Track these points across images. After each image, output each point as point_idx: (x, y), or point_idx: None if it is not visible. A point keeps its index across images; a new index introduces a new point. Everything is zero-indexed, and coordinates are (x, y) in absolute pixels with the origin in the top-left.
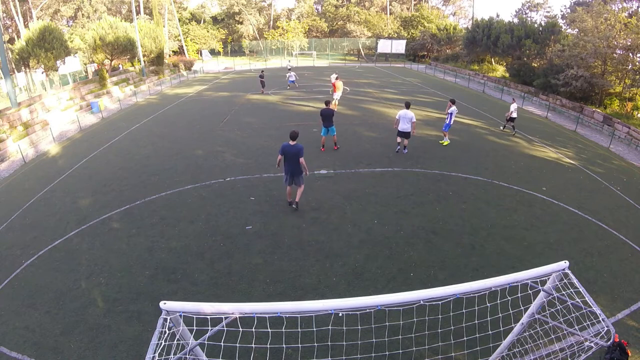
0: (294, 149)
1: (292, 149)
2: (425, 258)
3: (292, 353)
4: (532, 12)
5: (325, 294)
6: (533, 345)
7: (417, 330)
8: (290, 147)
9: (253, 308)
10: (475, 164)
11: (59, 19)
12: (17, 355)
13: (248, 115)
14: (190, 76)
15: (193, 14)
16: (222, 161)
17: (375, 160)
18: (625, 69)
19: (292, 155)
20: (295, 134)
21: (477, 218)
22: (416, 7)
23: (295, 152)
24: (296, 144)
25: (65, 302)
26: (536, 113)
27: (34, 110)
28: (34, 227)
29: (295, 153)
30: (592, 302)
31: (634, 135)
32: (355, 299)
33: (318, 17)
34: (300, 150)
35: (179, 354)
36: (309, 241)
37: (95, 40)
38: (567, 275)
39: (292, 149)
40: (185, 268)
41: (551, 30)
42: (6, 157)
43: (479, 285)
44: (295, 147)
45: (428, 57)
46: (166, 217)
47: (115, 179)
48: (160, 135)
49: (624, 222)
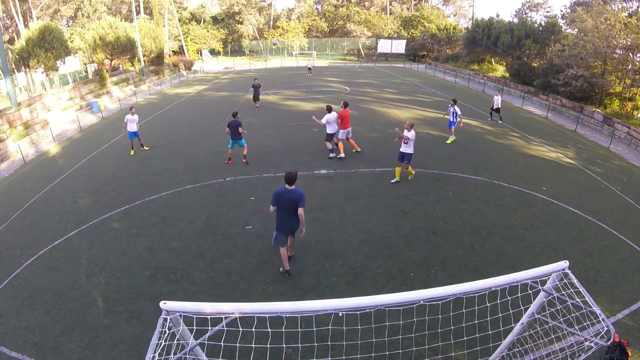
0: (292, 196)
1: (289, 196)
2: (425, 258)
3: (292, 353)
4: (532, 12)
5: (325, 294)
6: (533, 345)
7: (417, 330)
8: (288, 193)
9: (253, 308)
10: (475, 164)
11: (58, 18)
12: (17, 355)
13: (248, 115)
14: (190, 76)
15: (193, 14)
16: (222, 161)
17: (375, 160)
18: (625, 69)
19: (289, 204)
20: (292, 176)
21: (477, 218)
22: (416, 7)
23: (294, 200)
24: (295, 188)
25: (65, 302)
26: (536, 113)
27: (34, 110)
28: (34, 227)
29: (293, 201)
30: (592, 302)
31: (634, 135)
32: (355, 299)
33: (318, 17)
34: (301, 198)
35: (179, 354)
36: (309, 241)
37: (95, 40)
38: (567, 275)
39: (289, 196)
40: (185, 268)
41: (551, 30)
42: (6, 157)
43: (479, 285)
44: (294, 194)
45: (428, 57)
46: (166, 217)
47: (115, 179)
48: (160, 135)
49: (624, 222)
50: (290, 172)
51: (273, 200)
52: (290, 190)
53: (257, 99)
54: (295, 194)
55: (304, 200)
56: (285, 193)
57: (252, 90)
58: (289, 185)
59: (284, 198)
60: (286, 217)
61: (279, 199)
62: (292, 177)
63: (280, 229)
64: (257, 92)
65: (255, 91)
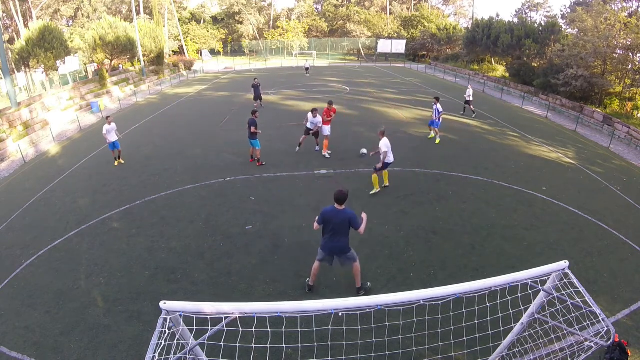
0: (341, 217)
1: (338, 217)
2: (425, 258)
3: (292, 353)
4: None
5: (325, 294)
6: (533, 345)
7: (417, 330)
8: (337, 213)
9: (253, 308)
10: (475, 164)
11: (58, 18)
12: (17, 355)
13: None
14: (190, 76)
15: (193, 14)
16: (222, 161)
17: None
18: (625, 69)
19: (339, 225)
20: (343, 195)
21: (477, 218)
22: (416, 7)
23: (344, 221)
24: (345, 209)
25: (65, 302)
26: (536, 113)
27: (34, 110)
28: (34, 227)
29: (343, 222)
30: (592, 302)
31: (634, 135)
32: (355, 299)
33: (318, 17)
34: (352, 218)
35: (179, 354)
36: (309, 241)
37: (95, 40)
38: (567, 275)
39: (338, 217)
40: (185, 268)
41: (551, 30)
42: (6, 157)
43: (479, 285)
44: (343, 214)
45: (428, 57)
46: (166, 217)
47: (115, 179)
48: (160, 135)
49: (624, 222)
50: (341, 191)
51: (319, 220)
52: (340, 210)
53: (259, 98)
54: (345, 215)
55: (356, 219)
56: (333, 213)
57: (253, 90)
58: (338, 205)
59: (331, 218)
60: (332, 238)
61: (325, 219)
62: (343, 197)
63: (324, 248)
64: (257, 91)
65: (256, 90)
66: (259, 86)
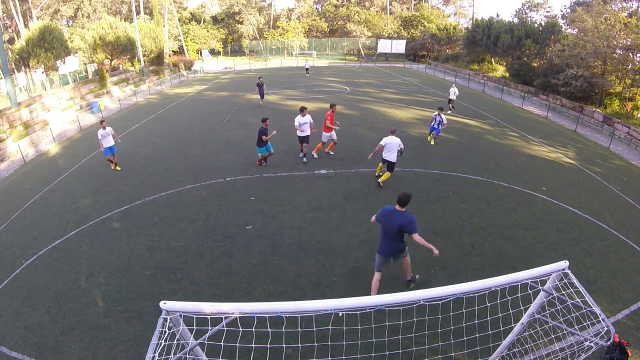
0: (399, 220)
1: (396, 218)
2: (425, 258)
3: (292, 353)
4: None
5: (325, 294)
6: (533, 345)
7: (417, 330)
8: (396, 214)
9: (253, 308)
10: (475, 164)
11: (58, 18)
12: (17, 355)
13: (248, 115)
14: (190, 76)
15: (193, 14)
16: (222, 161)
17: (375, 160)
18: (625, 69)
19: (396, 227)
20: (406, 197)
21: (477, 218)
22: (416, 7)
23: (402, 224)
24: (405, 212)
25: (65, 302)
26: (536, 113)
27: (33, 110)
28: (34, 227)
29: (400, 225)
30: (592, 302)
31: (634, 135)
32: (355, 299)
33: (318, 17)
34: (410, 222)
35: (179, 354)
36: (309, 241)
37: (95, 40)
38: (567, 275)
39: (396, 218)
40: (185, 268)
41: (551, 30)
42: (6, 157)
43: (479, 285)
44: (402, 217)
45: (428, 57)
46: (166, 217)
47: (115, 179)
48: (160, 135)
49: (624, 222)
50: (405, 193)
51: (378, 216)
52: (400, 212)
53: (262, 97)
54: (404, 218)
55: (414, 224)
56: (392, 214)
57: (257, 88)
58: (399, 207)
59: (389, 218)
60: (387, 239)
61: (382, 218)
62: (406, 199)
63: (380, 251)
64: (261, 90)
65: (260, 89)
66: (263, 85)
